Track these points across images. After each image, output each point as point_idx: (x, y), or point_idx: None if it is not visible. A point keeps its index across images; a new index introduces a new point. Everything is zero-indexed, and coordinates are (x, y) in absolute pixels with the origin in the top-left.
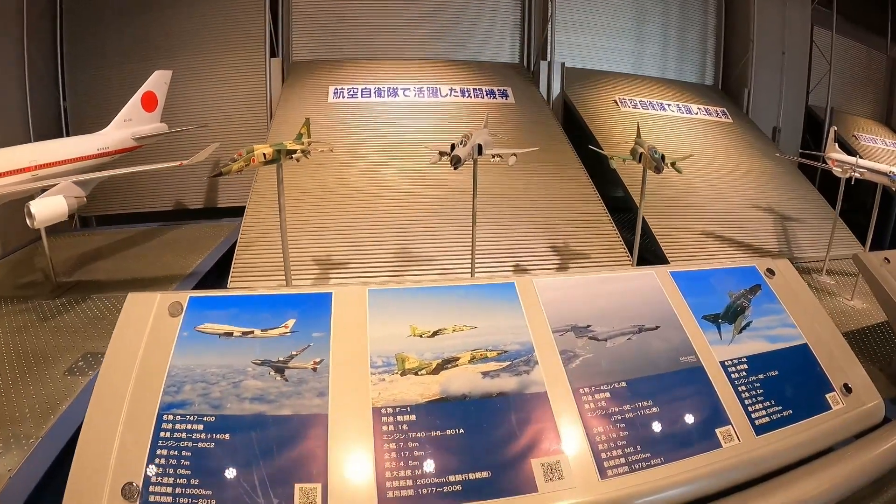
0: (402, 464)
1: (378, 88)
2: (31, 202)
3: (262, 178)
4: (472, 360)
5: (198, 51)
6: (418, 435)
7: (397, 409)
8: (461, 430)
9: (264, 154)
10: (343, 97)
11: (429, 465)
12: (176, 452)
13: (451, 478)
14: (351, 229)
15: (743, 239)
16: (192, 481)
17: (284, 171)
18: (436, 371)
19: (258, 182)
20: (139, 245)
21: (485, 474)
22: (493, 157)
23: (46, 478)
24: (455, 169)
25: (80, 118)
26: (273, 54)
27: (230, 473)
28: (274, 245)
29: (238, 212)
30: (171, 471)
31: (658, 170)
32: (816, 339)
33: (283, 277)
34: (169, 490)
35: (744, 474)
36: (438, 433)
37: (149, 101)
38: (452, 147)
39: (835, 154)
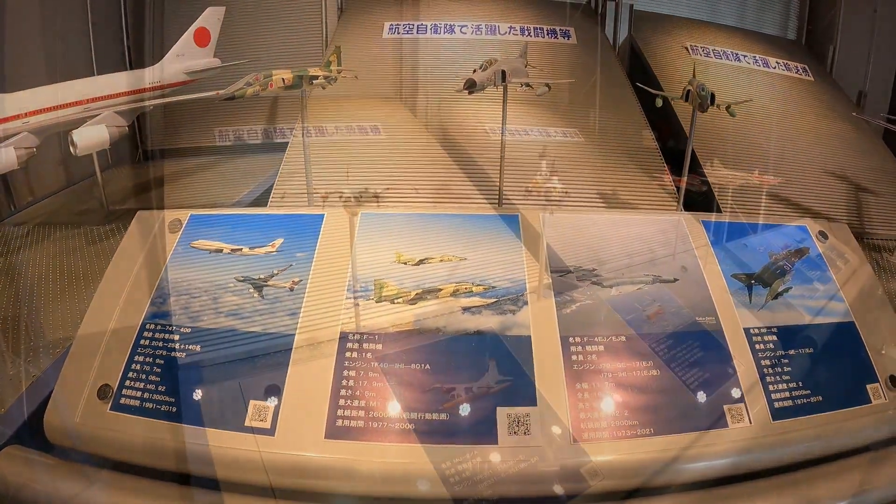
0: (357, 393)
1: (435, 25)
2: (73, 131)
3: (310, 111)
4: (455, 293)
5: None
6: (381, 366)
7: (364, 336)
8: (427, 366)
9: (283, 79)
10: (398, 33)
11: (384, 399)
12: (150, 360)
13: (406, 415)
14: (391, 164)
15: (811, 205)
16: (160, 388)
17: (331, 106)
18: (413, 301)
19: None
20: (192, 176)
21: (442, 416)
22: (522, 85)
23: None
24: (469, 94)
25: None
26: None
27: (193, 385)
28: (314, 175)
29: None
30: (144, 377)
31: (702, 108)
32: (867, 320)
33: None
34: (138, 395)
35: (749, 463)
36: (402, 366)
37: (201, 37)
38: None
39: None
